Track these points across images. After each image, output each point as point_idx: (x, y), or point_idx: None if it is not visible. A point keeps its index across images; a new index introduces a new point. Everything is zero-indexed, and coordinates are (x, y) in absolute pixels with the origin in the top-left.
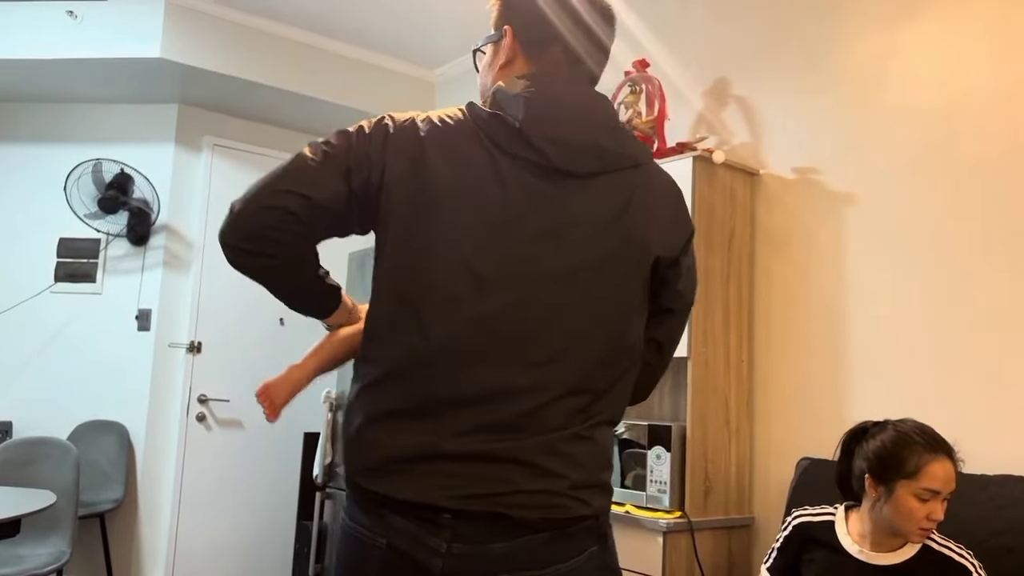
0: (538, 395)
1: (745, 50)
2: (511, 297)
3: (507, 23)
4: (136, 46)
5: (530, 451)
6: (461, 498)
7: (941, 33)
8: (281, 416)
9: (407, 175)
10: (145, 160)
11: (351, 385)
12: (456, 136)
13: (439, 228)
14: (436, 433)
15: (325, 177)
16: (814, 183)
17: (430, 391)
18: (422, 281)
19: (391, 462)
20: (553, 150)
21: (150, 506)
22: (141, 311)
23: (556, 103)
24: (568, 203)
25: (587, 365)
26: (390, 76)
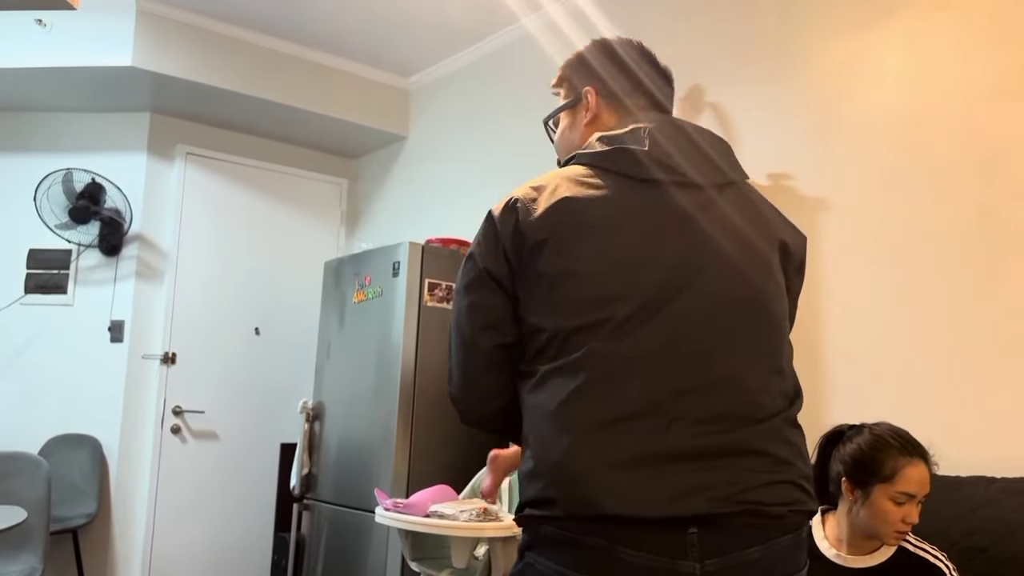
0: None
1: (718, 58)
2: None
3: (587, 84)
4: (106, 54)
5: (763, 439)
6: (714, 500)
7: (908, 40)
8: (258, 426)
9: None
10: (117, 169)
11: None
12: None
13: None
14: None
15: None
16: (787, 189)
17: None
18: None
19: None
20: (686, 167)
21: (124, 520)
22: (114, 322)
23: (672, 130)
24: (711, 212)
25: (777, 346)
26: (364, 84)
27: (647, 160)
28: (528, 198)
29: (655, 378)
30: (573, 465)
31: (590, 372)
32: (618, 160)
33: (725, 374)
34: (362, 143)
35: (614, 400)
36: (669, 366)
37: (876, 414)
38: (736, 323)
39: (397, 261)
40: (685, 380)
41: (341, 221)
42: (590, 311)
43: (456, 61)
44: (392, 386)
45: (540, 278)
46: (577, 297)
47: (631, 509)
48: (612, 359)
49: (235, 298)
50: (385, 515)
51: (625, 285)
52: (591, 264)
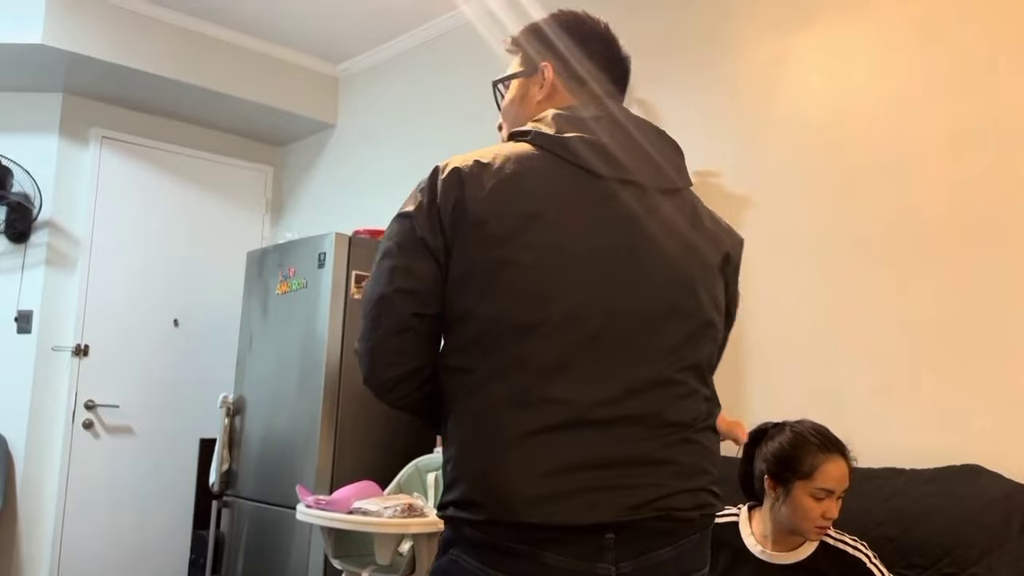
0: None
1: (646, 54)
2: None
3: (544, 60)
4: (15, 31)
5: (682, 448)
6: (632, 508)
7: (830, 43)
8: (175, 421)
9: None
10: (26, 152)
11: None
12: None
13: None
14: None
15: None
16: (713, 186)
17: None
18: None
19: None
20: (641, 169)
21: (31, 518)
22: (21, 312)
23: (629, 123)
24: (660, 217)
25: (703, 354)
26: (291, 69)
27: (604, 155)
28: (474, 172)
29: (581, 386)
30: (496, 474)
31: (520, 378)
32: (576, 151)
33: (650, 383)
34: (289, 130)
35: (541, 409)
36: (595, 373)
37: (796, 407)
38: (667, 332)
39: (323, 252)
40: (610, 389)
41: (265, 210)
42: (525, 309)
43: (389, 48)
44: (316, 380)
45: (475, 262)
46: (514, 290)
47: (552, 519)
48: (542, 364)
49: (153, 288)
50: (307, 512)
51: (562, 285)
52: (531, 257)
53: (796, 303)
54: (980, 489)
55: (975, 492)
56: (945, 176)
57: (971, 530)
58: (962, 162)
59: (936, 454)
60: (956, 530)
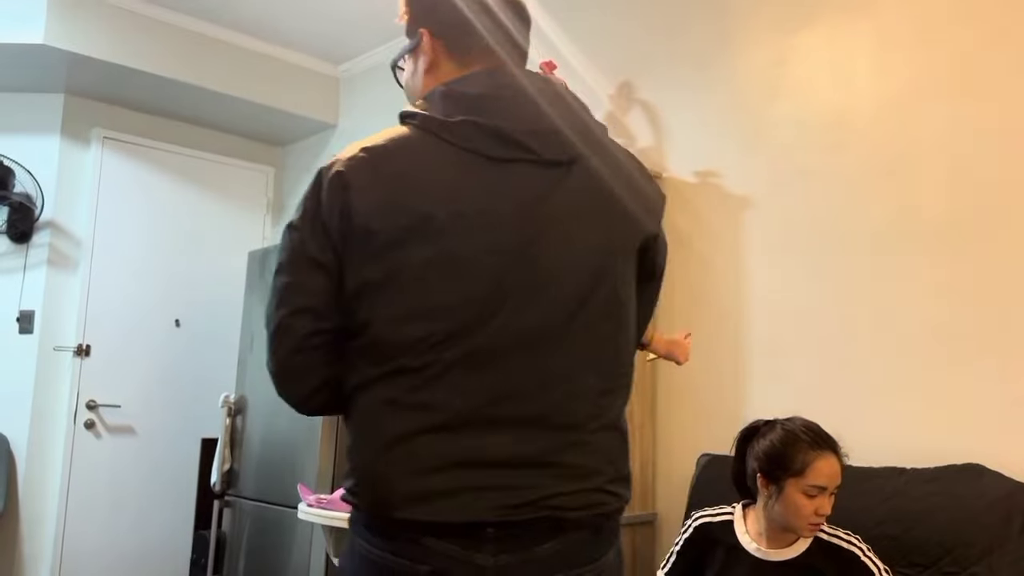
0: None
1: (648, 55)
2: (529, 300)
3: (422, 26)
4: (17, 31)
5: (571, 450)
6: (514, 508)
7: (831, 43)
8: (177, 421)
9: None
10: (27, 152)
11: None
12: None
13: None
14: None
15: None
16: (714, 186)
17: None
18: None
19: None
20: (538, 142)
21: (33, 518)
22: (23, 312)
23: (520, 93)
24: (562, 191)
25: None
26: (293, 70)
27: (497, 136)
28: (359, 172)
29: (472, 389)
30: (375, 473)
31: (402, 384)
32: (465, 134)
33: (537, 386)
34: (290, 131)
35: (420, 414)
36: (487, 377)
37: (795, 405)
38: (560, 332)
39: None
40: (500, 390)
41: (267, 210)
42: (414, 323)
43: (390, 49)
44: None
45: (367, 274)
46: (403, 303)
47: (427, 517)
48: (426, 372)
49: (155, 288)
50: (308, 511)
51: (450, 299)
52: (419, 269)
53: (797, 303)
54: (981, 488)
55: (976, 491)
56: (946, 176)
57: (972, 529)
58: (963, 162)
59: (937, 453)
60: (957, 529)
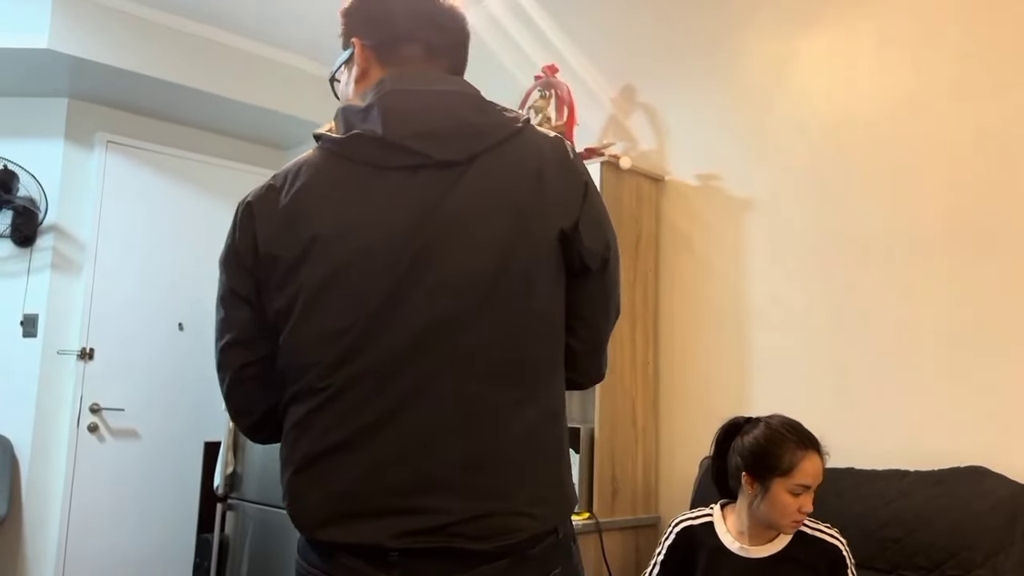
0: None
1: (650, 58)
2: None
3: (354, 35)
4: (21, 36)
5: (474, 471)
6: (410, 536)
7: (832, 46)
8: (180, 424)
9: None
10: (31, 156)
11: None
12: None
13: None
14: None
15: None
16: (715, 189)
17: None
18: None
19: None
20: (427, 144)
21: (36, 522)
22: (27, 316)
23: (411, 95)
24: (458, 192)
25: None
26: (296, 74)
27: (382, 144)
28: (265, 203)
29: (369, 409)
30: (295, 494)
31: (304, 407)
32: (354, 148)
33: (439, 399)
34: (293, 134)
35: (328, 433)
36: (385, 395)
37: (798, 409)
38: (462, 345)
39: None
40: (397, 408)
41: None
42: (308, 350)
43: None
44: None
45: (275, 304)
46: (300, 332)
47: (335, 538)
48: (323, 395)
49: (158, 292)
50: None
51: (349, 309)
52: (313, 292)
53: (799, 305)
54: (985, 491)
55: (980, 494)
56: (947, 179)
57: (976, 532)
58: (964, 165)
59: (940, 456)
60: (961, 532)
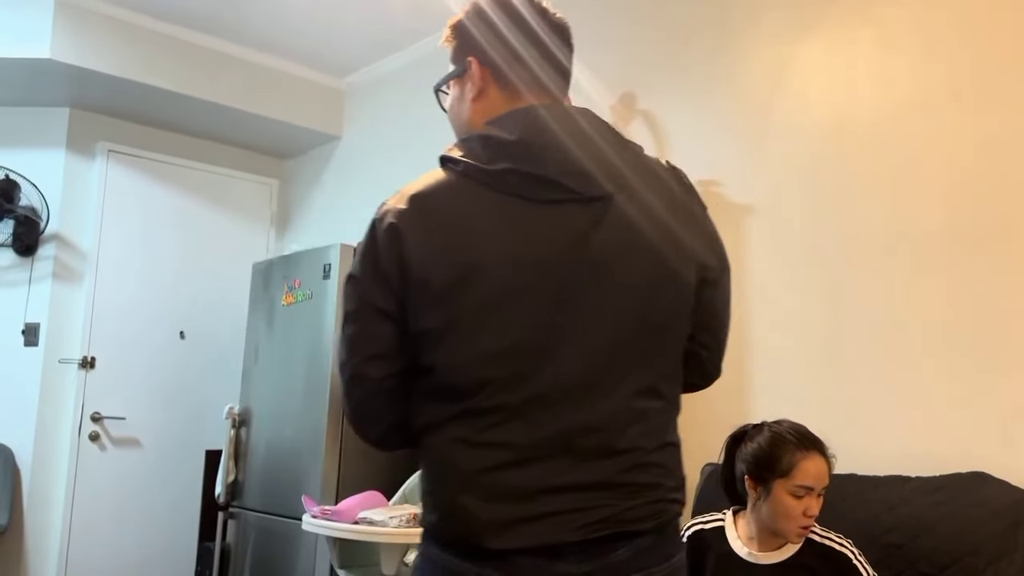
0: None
1: (649, 65)
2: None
3: (469, 54)
4: (23, 46)
5: (630, 470)
6: (586, 528)
7: (831, 52)
8: (182, 433)
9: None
10: (33, 166)
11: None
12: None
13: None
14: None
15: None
16: (716, 195)
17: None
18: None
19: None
20: (579, 182)
21: (38, 532)
22: (28, 325)
23: (560, 133)
24: (604, 226)
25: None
26: (297, 83)
27: (536, 179)
28: (411, 221)
29: (539, 427)
30: (463, 507)
31: (478, 423)
32: (506, 181)
33: (600, 419)
34: (294, 143)
35: (491, 451)
36: (552, 415)
37: (798, 416)
38: (617, 366)
39: (328, 263)
40: (565, 427)
41: (271, 222)
42: (475, 367)
43: (393, 61)
44: (321, 391)
45: (427, 321)
46: (463, 349)
47: (513, 544)
48: (503, 412)
49: (159, 300)
50: (312, 522)
51: (514, 336)
52: (474, 317)
53: (799, 311)
54: (987, 497)
55: (982, 500)
56: (947, 184)
57: (978, 537)
58: (964, 170)
59: (942, 462)
60: (963, 538)
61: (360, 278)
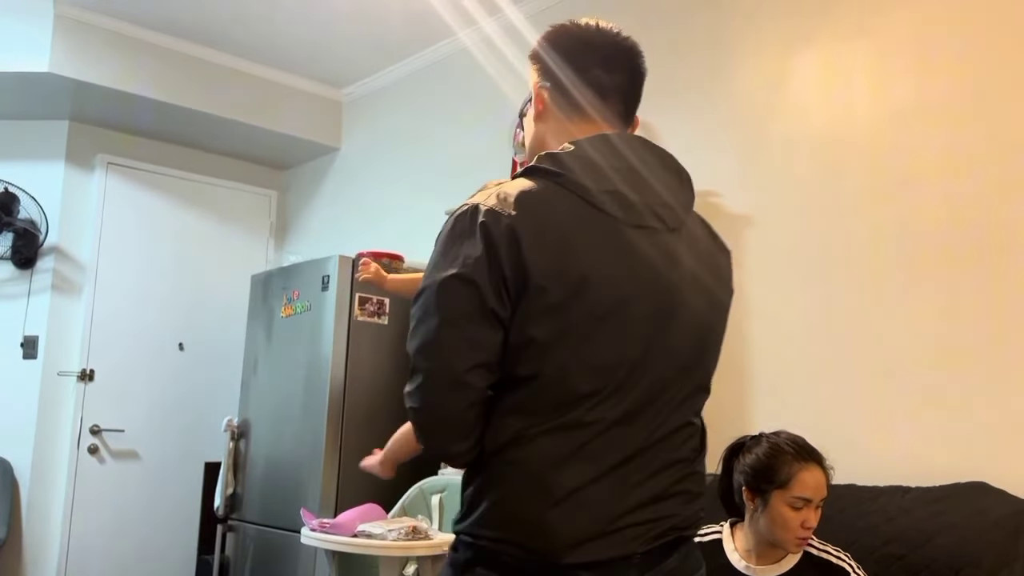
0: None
1: (648, 76)
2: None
3: (545, 80)
4: (22, 60)
5: (686, 480)
6: (654, 538)
7: (829, 63)
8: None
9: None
10: (32, 179)
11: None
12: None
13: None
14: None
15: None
16: (713, 206)
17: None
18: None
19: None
20: (665, 213)
21: (37, 545)
22: (27, 338)
23: (646, 164)
24: (682, 253)
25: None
26: (296, 95)
27: (632, 207)
28: (524, 225)
29: (627, 443)
30: (550, 525)
31: (570, 438)
32: (606, 202)
33: (671, 431)
34: (293, 154)
35: (595, 464)
36: (636, 430)
37: (796, 426)
38: (685, 384)
39: (327, 275)
40: (645, 443)
41: (270, 234)
42: (583, 378)
43: (392, 73)
44: (320, 403)
45: (537, 330)
46: (573, 359)
47: (593, 556)
48: (598, 426)
49: (158, 313)
50: (311, 535)
51: (616, 351)
52: (587, 327)
53: (797, 322)
54: (987, 506)
55: (982, 510)
56: (944, 194)
57: (979, 548)
58: (961, 180)
59: (941, 472)
60: (964, 548)
61: (472, 278)
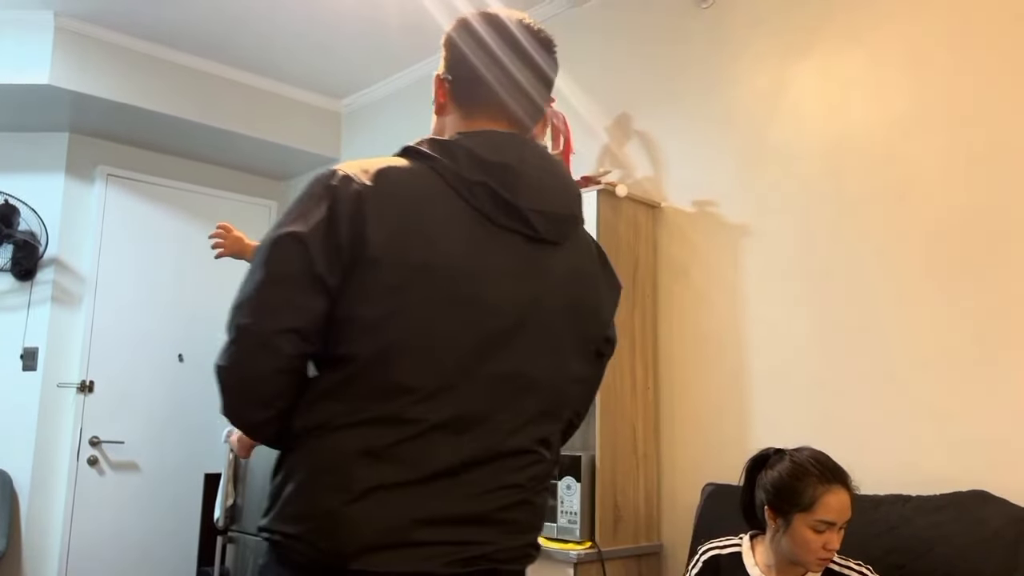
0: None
1: (645, 86)
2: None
3: (444, 69)
4: (22, 72)
5: (511, 508)
6: (458, 563)
7: (826, 72)
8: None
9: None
10: (32, 191)
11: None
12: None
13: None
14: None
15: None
16: (711, 215)
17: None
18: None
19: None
20: (541, 222)
21: (37, 557)
22: (27, 350)
23: (538, 172)
24: (547, 269)
25: (549, 424)
26: (294, 106)
27: (507, 207)
28: (375, 196)
29: (448, 450)
30: (344, 522)
31: (379, 434)
32: (479, 196)
33: (508, 452)
34: (292, 165)
35: (390, 467)
36: (463, 440)
37: (798, 433)
38: (526, 403)
39: None
40: (470, 454)
41: None
42: (404, 371)
43: (390, 84)
44: None
45: (364, 308)
46: (396, 348)
47: (385, 567)
48: (418, 426)
49: (158, 324)
50: None
51: (450, 349)
52: (422, 316)
53: (796, 330)
54: (988, 515)
55: (983, 519)
56: (942, 203)
57: (980, 557)
58: (958, 188)
59: (942, 480)
60: (966, 557)
61: (305, 237)
